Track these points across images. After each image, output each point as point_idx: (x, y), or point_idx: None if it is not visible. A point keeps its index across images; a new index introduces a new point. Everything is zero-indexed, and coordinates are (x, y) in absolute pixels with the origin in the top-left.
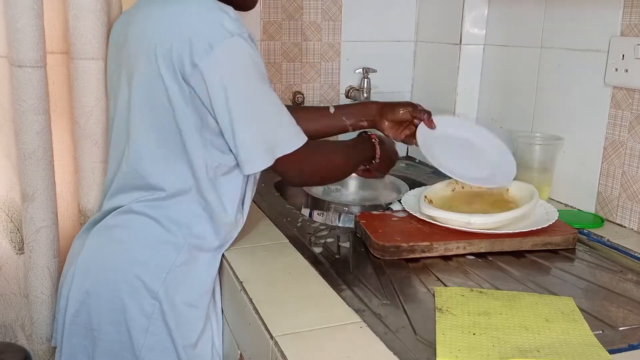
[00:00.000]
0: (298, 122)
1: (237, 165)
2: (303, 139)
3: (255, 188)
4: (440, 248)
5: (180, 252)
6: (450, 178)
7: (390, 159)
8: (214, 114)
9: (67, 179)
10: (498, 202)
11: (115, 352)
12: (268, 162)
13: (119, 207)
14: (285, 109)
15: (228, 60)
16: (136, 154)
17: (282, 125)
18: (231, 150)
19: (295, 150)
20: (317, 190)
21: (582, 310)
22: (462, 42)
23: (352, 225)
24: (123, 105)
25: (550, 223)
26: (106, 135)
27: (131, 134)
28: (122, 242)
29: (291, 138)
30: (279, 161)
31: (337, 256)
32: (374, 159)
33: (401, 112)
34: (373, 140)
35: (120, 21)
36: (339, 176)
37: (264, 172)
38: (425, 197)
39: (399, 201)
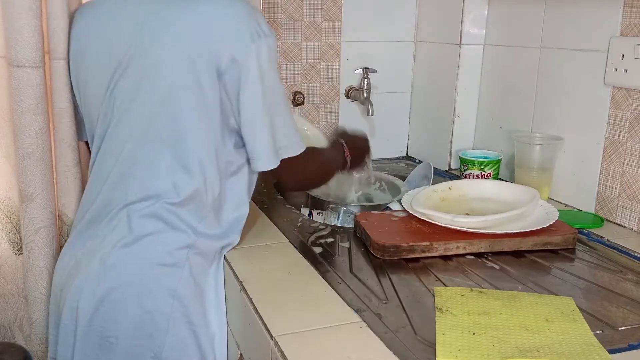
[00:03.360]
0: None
1: (246, 163)
2: (303, 147)
3: (254, 185)
4: (440, 248)
5: (192, 247)
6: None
7: (359, 160)
8: (239, 109)
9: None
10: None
11: (134, 357)
12: (274, 163)
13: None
14: (292, 114)
15: (263, 59)
16: (144, 155)
17: (291, 129)
18: (244, 147)
19: (296, 156)
20: (317, 190)
21: (582, 310)
22: (462, 42)
23: (351, 225)
24: (125, 101)
25: (550, 223)
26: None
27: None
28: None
29: (295, 143)
30: (282, 164)
31: (337, 256)
32: (346, 165)
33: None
34: (345, 150)
35: (100, 18)
36: (324, 182)
37: (264, 172)
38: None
39: (399, 201)
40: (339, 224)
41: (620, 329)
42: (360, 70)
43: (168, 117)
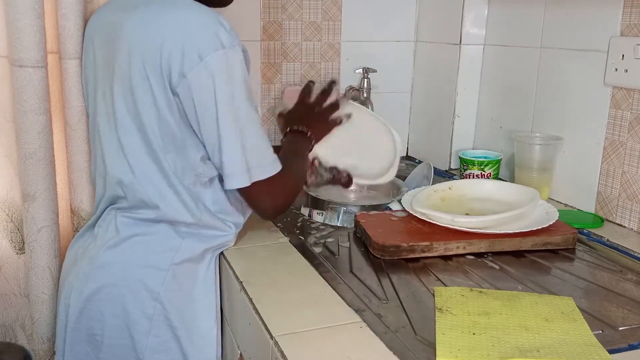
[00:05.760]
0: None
1: (217, 176)
2: (278, 167)
3: None
4: (440, 248)
5: (178, 250)
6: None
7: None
8: (199, 127)
9: (65, 179)
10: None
11: (118, 357)
12: (245, 182)
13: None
14: (264, 133)
15: (217, 73)
16: (121, 162)
17: (262, 149)
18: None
19: (270, 180)
20: (317, 190)
21: (582, 310)
22: (462, 42)
23: (352, 225)
24: (108, 107)
25: (550, 223)
26: None
27: (112, 139)
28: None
29: (269, 164)
30: (254, 188)
31: (337, 256)
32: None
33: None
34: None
35: (101, 19)
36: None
37: None
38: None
39: (399, 201)
40: (339, 224)
41: (620, 329)
42: (360, 70)
43: (134, 129)
